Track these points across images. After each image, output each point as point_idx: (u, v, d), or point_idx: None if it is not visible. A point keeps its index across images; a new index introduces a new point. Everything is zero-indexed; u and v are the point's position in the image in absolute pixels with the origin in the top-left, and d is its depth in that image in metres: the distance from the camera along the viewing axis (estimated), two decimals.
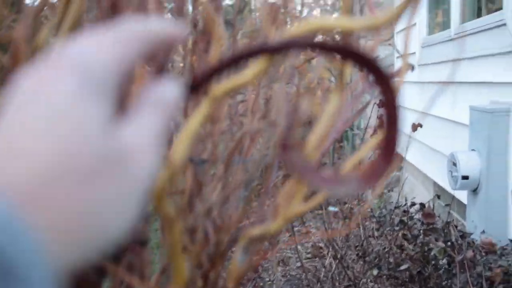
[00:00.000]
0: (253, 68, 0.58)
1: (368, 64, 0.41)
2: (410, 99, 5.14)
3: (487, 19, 3.47)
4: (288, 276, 3.41)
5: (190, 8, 0.83)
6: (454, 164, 3.28)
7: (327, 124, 0.73)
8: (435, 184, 4.37)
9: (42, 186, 0.28)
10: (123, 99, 0.36)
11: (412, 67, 1.46)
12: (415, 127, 3.25)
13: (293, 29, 0.50)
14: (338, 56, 0.41)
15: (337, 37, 0.76)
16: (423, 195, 4.49)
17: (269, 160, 0.71)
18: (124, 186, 0.31)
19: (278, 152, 0.53)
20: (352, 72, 0.73)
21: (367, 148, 0.71)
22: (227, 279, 0.73)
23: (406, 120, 0.77)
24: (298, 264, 3.33)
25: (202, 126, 0.84)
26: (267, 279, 3.12)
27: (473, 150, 3.29)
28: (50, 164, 0.28)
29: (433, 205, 2.15)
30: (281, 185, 0.76)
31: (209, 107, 0.55)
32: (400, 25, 5.67)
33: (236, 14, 1.19)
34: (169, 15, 0.85)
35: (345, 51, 0.41)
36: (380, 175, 0.45)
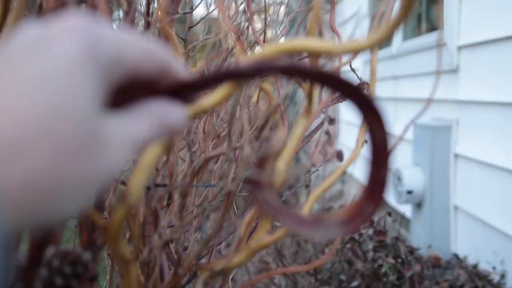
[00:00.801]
0: (218, 93, 0.54)
1: (355, 96, 0.37)
2: (354, 114, 5.22)
3: (427, 38, 3.58)
4: None
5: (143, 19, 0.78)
6: (399, 179, 3.34)
7: (294, 149, 0.70)
8: None
9: (17, 144, 0.27)
10: (119, 98, 0.35)
11: (366, 84, 1.46)
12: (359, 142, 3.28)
13: (263, 51, 0.46)
14: (315, 83, 0.37)
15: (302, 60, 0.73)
16: None
17: (231, 188, 0.66)
18: (90, 170, 0.30)
19: (248, 190, 0.49)
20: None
21: (333, 179, 0.67)
22: None
23: (349, 135, 0.74)
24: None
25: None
26: None
27: (416, 165, 3.37)
28: (28, 124, 0.27)
29: (385, 222, 2.16)
30: (244, 214, 0.71)
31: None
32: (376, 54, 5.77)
33: (188, 30, 1.14)
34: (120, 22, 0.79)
35: (328, 78, 0.37)
36: (364, 218, 0.41)
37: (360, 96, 0.37)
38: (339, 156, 3.37)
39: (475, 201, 2.87)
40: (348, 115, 5.47)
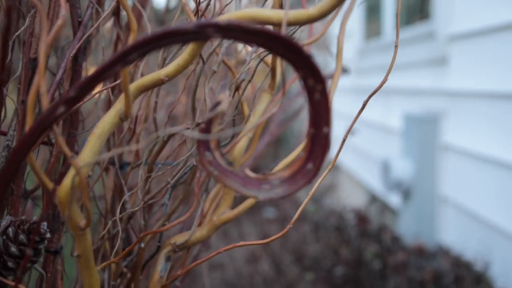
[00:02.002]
0: (176, 61, 0.54)
1: (292, 53, 0.37)
2: (345, 104, 5.23)
3: (418, 28, 3.58)
4: (225, 281, 3.36)
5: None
6: (387, 169, 3.35)
7: (257, 125, 0.70)
8: (369, 189, 4.46)
9: None
10: None
11: (347, 70, 1.46)
12: (349, 132, 3.29)
13: (219, 19, 0.46)
14: (253, 42, 0.37)
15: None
16: (358, 200, 4.56)
17: (196, 163, 0.66)
18: None
19: (196, 152, 0.49)
20: (286, 72, 0.69)
21: (298, 151, 0.67)
22: None
23: (341, 126, 0.74)
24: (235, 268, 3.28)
25: (121, 126, 0.78)
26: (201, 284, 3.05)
27: (405, 155, 3.38)
28: None
29: (367, 211, 2.17)
30: (208, 190, 0.71)
31: (124, 104, 0.50)
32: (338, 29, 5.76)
33: (166, 12, 1.13)
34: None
35: (266, 36, 0.36)
36: (308, 177, 0.42)
37: (298, 55, 0.37)
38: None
39: (463, 191, 2.88)
40: (340, 80, 5.47)
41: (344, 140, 0.67)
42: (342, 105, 5.41)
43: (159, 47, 0.37)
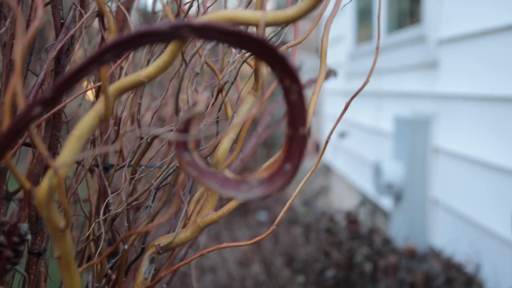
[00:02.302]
0: (155, 62, 0.54)
1: (266, 52, 0.37)
2: (337, 108, 5.25)
3: (409, 32, 3.60)
4: (217, 283, 3.35)
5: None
6: (379, 172, 3.36)
7: (241, 126, 0.70)
8: (361, 192, 4.47)
9: None
10: None
11: (335, 74, 1.46)
12: (331, 134, 3.29)
13: (198, 20, 0.46)
14: (230, 43, 0.37)
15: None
16: (349, 203, 4.57)
17: (178, 166, 0.66)
18: None
19: (174, 152, 0.49)
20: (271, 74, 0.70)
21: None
22: None
23: (333, 129, 0.74)
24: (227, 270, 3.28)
25: (102, 127, 0.78)
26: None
27: (396, 158, 3.39)
28: None
29: (358, 212, 2.17)
30: (192, 192, 0.71)
31: (104, 106, 0.50)
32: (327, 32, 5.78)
33: (152, 14, 1.14)
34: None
35: (242, 38, 0.37)
36: (286, 177, 0.42)
37: (272, 55, 0.37)
38: (318, 147, 3.39)
39: (454, 194, 2.89)
40: (332, 84, 5.48)
41: (327, 142, 0.67)
42: (334, 108, 5.43)
43: (134, 47, 0.37)
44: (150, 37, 0.36)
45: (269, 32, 0.67)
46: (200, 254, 0.61)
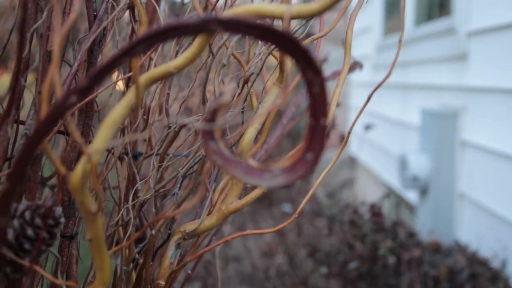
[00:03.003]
0: (184, 54, 0.56)
1: (291, 48, 0.39)
2: (364, 100, 5.21)
3: (438, 24, 3.55)
4: (240, 273, 3.39)
5: None
6: (404, 165, 3.34)
7: (266, 117, 0.71)
8: (386, 184, 4.45)
9: None
10: None
11: (361, 66, 1.47)
12: (353, 126, 3.28)
13: (225, 13, 0.48)
14: (255, 36, 0.38)
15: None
16: (374, 196, 4.56)
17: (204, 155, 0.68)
18: None
19: (201, 140, 0.51)
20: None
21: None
22: (158, 276, 0.70)
23: (355, 121, 0.76)
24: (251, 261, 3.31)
25: (132, 116, 0.81)
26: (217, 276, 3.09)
27: (423, 151, 3.36)
28: None
29: (381, 205, 2.17)
30: (217, 180, 0.73)
31: (134, 95, 0.52)
32: (356, 25, 5.74)
33: (181, 5, 1.16)
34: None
35: (266, 31, 0.38)
36: (307, 166, 0.44)
37: (296, 48, 0.39)
38: (341, 139, 3.37)
39: (481, 188, 2.86)
40: (358, 75, 5.46)
41: (349, 133, 0.68)
42: (360, 100, 5.40)
43: (164, 40, 0.39)
44: (180, 30, 0.38)
45: (295, 24, 0.69)
46: (224, 240, 0.63)
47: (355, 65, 1.31)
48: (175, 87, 1.37)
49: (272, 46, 0.66)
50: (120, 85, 0.84)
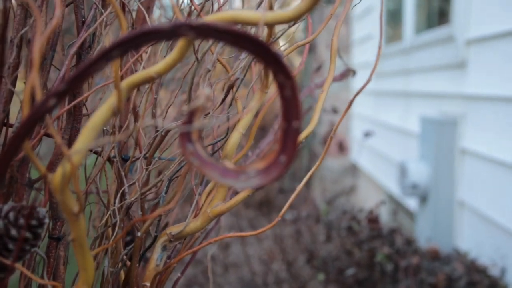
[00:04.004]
0: (165, 59, 0.57)
1: (263, 52, 0.40)
2: (366, 107, 5.22)
3: (437, 32, 3.56)
4: (240, 279, 3.40)
5: None
6: (404, 173, 3.35)
7: (251, 121, 0.73)
8: (386, 192, 4.45)
9: None
10: None
11: (354, 72, 1.48)
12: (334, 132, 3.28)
13: (203, 19, 0.49)
14: (228, 43, 0.40)
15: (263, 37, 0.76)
16: (375, 203, 4.55)
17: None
18: None
19: (178, 142, 0.52)
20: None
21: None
22: (144, 278, 0.71)
23: (361, 128, 0.77)
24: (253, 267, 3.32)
25: (121, 120, 0.82)
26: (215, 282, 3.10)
27: (422, 159, 3.36)
28: None
29: (378, 212, 2.18)
30: (202, 183, 0.74)
31: (116, 99, 0.53)
32: (357, 33, 5.77)
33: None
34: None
35: (238, 37, 0.39)
36: (280, 168, 0.45)
37: (267, 53, 0.40)
38: (342, 147, 3.38)
39: (480, 196, 2.86)
40: (360, 83, 5.46)
41: (360, 142, 0.69)
42: (362, 107, 5.41)
43: (138, 45, 0.41)
44: (151, 35, 0.39)
45: (278, 30, 0.70)
46: (207, 243, 0.64)
47: (348, 72, 1.32)
48: (173, 92, 1.38)
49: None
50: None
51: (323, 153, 0.69)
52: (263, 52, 0.40)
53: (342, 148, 2.76)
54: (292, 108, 0.43)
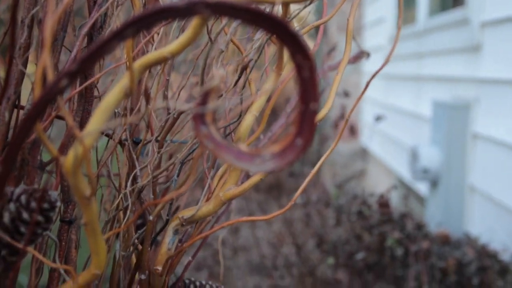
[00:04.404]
0: (179, 39, 0.56)
1: (281, 32, 0.38)
2: (377, 91, 5.18)
3: (451, 14, 3.51)
4: (249, 262, 3.41)
5: None
6: (415, 157, 3.32)
7: (264, 104, 0.71)
8: (397, 176, 4.43)
9: None
10: None
11: (368, 55, 1.46)
12: (378, 119, 3.27)
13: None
14: (244, 20, 0.38)
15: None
16: (385, 187, 4.53)
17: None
18: None
19: (192, 124, 0.51)
20: None
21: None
22: (156, 262, 0.70)
23: (372, 112, 0.75)
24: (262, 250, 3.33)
25: (132, 103, 0.81)
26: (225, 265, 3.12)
27: (434, 143, 3.34)
28: None
29: (389, 196, 2.16)
30: (216, 167, 0.73)
31: (128, 81, 0.52)
32: (369, 16, 5.70)
33: None
34: None
35: (255, 15, 0.38)
36: (297, 152, 0.43)
37: (285, 32, 0.38)
38: (353, 130, 3.36)
39: (492, 181, 2.83)
40: (372, 67, 5.43)
41: (371, 126, 0.68)
42: (374, 91, 5.36)
43: (152, 24, 0.39)
44: (166, 13, 0.38)
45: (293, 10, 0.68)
46: (220, 226, 0.64)
47: (362, 54, 1.29)
48: (184, 75, 1.37)
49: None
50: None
51: (337, 138, 0.67)
52: (282, 32, 0.39)
53: (353, 131, 2.73)
54: (310, 90, 0.42)
